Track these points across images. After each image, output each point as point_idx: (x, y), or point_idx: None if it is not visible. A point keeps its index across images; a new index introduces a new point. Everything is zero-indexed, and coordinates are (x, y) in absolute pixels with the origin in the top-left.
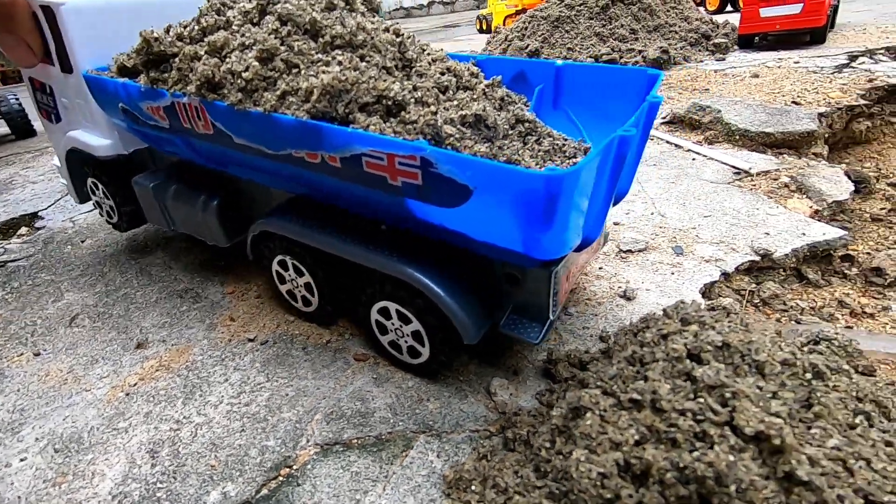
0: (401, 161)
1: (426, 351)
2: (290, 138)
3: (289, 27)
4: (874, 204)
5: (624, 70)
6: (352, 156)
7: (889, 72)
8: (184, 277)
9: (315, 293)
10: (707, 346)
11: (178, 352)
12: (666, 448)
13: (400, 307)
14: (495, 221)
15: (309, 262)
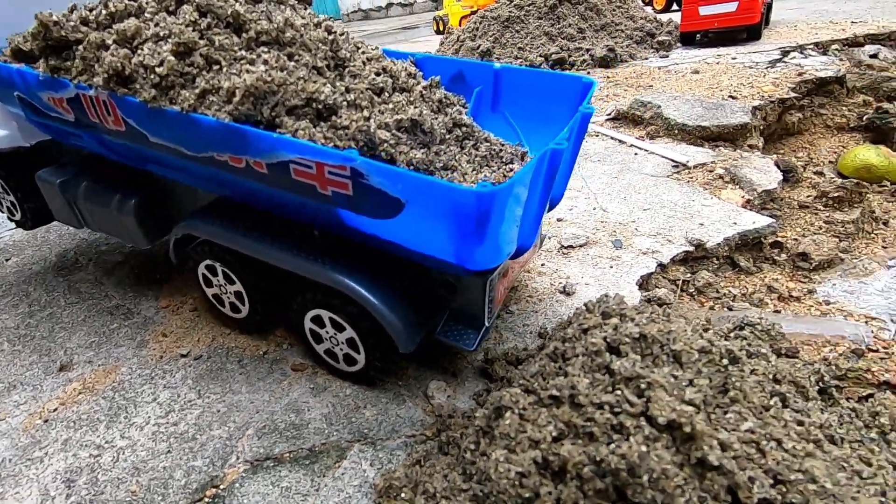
0: (330, 171)
1: (362, 358)
2: (211, 141)
3: (209, 19)
4: (801, 192)
5: (560, 76)
6: (278, 162)
7: (817, 66)
8: (115, 293)
9: (245, 300)
10: (626, 339)
11: (104, 372)
12: (584, 443)
13: (332, 315)
14: (428, 234)
15: (237, 268)
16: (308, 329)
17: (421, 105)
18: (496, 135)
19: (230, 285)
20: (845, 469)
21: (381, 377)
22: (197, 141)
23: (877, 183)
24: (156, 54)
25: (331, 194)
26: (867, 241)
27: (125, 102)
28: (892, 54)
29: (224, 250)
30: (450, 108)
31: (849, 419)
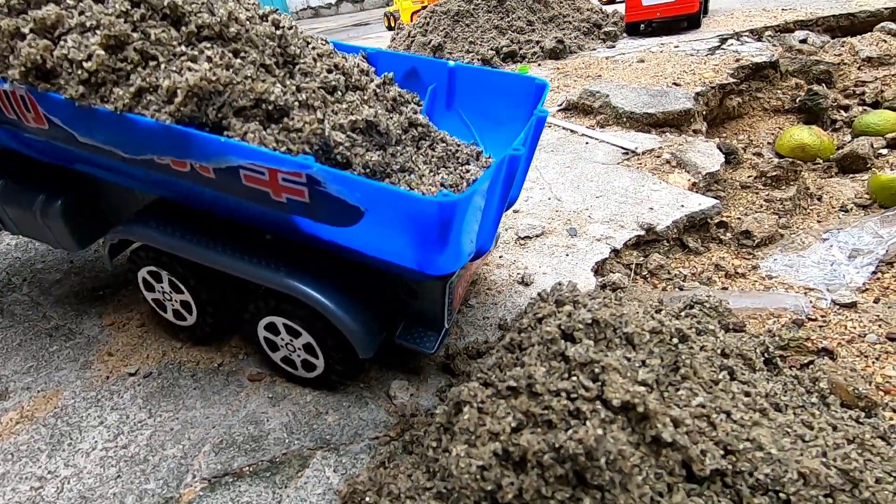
0: (285, 177)
1: (321, 363)
2: (150, 143)
3: (142, 10)
4: (742, 172)
5: (514, 76)
6: (227, 167)
7: (753, 52)
8: (54, 314)
9: (193, 308)
10: (579, 325)
11: (44, 399)
12: (542, 431)
13: (287, 321)
14: (389, 241)
15: (184, 276)
16: (262, 338)
17: (375, 104)
18: (451, 133)
19: (176, 294)
20: (789, 434)
21: (342, 381)
22: (134, 143)
23: (811, 161)
24: (82, 47)
25: (285, 201)
26: (803, 216)
27: (48, 99)
28: (820, 39)
29: (168, 256)
30: (405, 106)
31: (792, 386)
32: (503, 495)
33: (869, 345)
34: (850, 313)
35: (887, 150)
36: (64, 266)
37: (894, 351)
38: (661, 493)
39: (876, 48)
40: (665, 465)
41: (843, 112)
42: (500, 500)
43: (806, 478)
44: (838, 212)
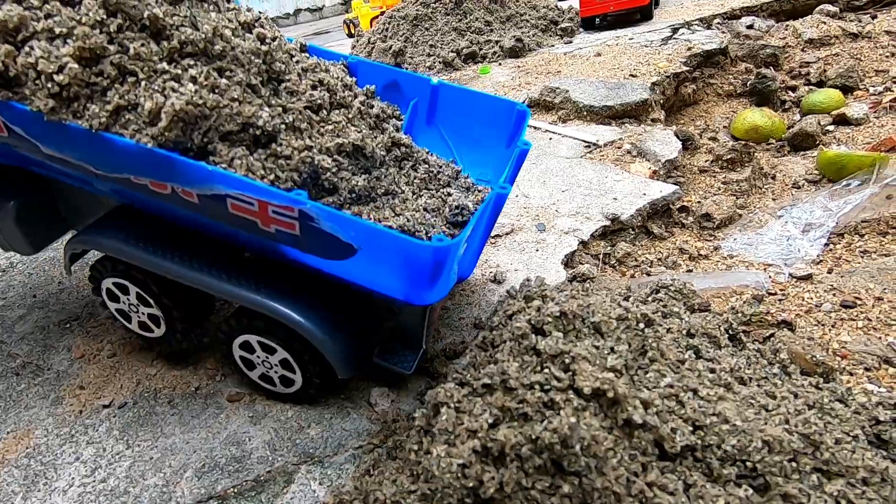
0: (275, 210)
1: (299, 377)
2: (128, 164)
3: (119, 20)
4: (700, 157)
5: (495, 100)
6: (213, 195)
7: (703, 40)
8: (20, 351)
9: (162, 322)
10: (548, 318)
11: (14, 439)
12: (519, 424)
13: (261, 338)
14: (379, 275)
15: (151, 288)
16: (238, 357)
17: (361, 124)
18: (430, 149)
19: (144, 307)
20: (753, 405)
21: (322, 394)
22: (109, 162)
23: (764, 141)
24: (52, 57)
25: (274, 232)
26: (759, 195)
27: (9, 108)
28: (765, 24)
29: (135, 269)
30: (387, 122)
31: (755, 360)
32: (485, 490)
33: (825, 313)
34: (806, 285)
35: (833, 126)
36: (27, 301)
37: (848, 318)
38: (637, 473)
39: (817, 30)
40: (638, 445)
41: (790, 93)
42: (483, 495)
43: (770, 445)
44: (791, 189)
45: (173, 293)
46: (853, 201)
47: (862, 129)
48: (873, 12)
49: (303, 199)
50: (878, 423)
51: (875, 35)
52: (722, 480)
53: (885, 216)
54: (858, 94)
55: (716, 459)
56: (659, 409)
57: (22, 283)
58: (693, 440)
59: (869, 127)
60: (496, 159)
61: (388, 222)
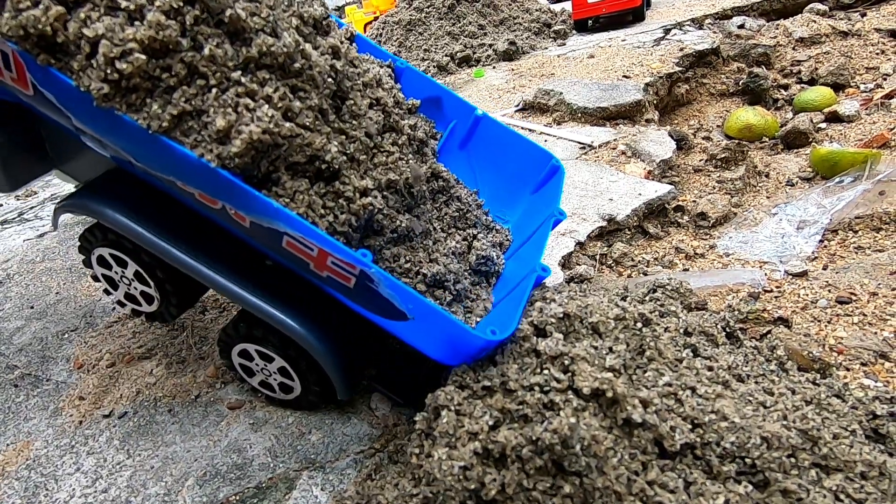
0: (335, 261)
1: (297, 384)
2: (180, 171)
3: (196, 11)
4: (694, 157)
5: (534, 147)
6: (270, 228)
7: (695, 40)
8: (18, 362)
9: (156, 299)
10: (552, 320)
11: (14, 451)
12: (519, 426)
13: (259, 348)
14: (423, 339)
15: (154, 271)
16: (238, 364)
17: (408, 154)
18: (454, 171)
19: (140, 283)
20: (751, 402)
21: (322, 401)
22: (158, 163)
23: (758, 140)
24: (117, 40)
25: (325, 277)
26: (753, 193)
27: (49, 74)
28: (756, 23)
29: (143, 251)
30: (427, 145)
31: (752, 357)
32: (486, 492)
33: (821, 310)
34: (801, 282)
35: (826, 123)
36: (24, 312)
37: (844, 313)
38: (637, 472)
39: (807, 28)
40: (638, 444)
41: (783, 91)
42: (485, 497)
43: (769, 441)
44: (785, 186)
45: (177, 277)
46: (846, 198)
47: (854, 125)
48: (863, 10)
49: (369, 263)
50: (875, 417)
51: (865, 33)
52: (722, 477)
53: (878, 212)
54: (850, 92)
55: (715, 457)
56: (658, 407)
57: (19, 295)
58: (692, 438)
59: (861, 124)
60: (517, 200)
61: (424, 269)
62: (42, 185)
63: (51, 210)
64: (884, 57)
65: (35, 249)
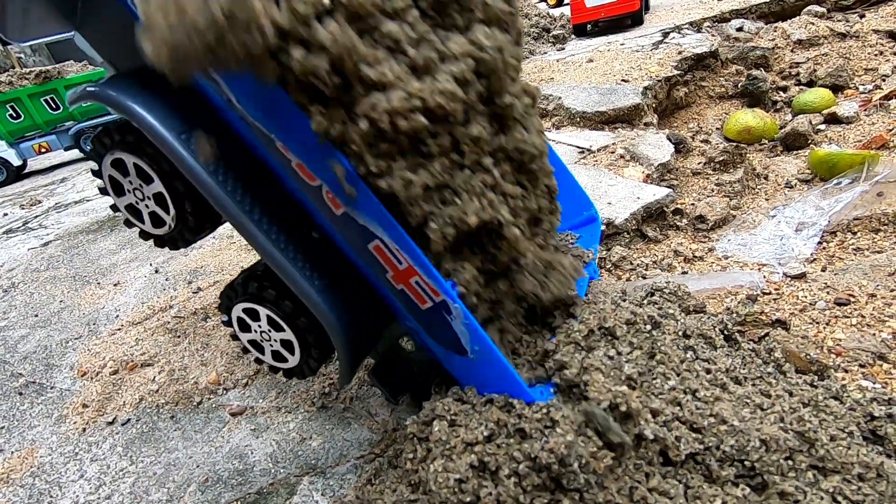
0: (419, 281)
1: (294, 359)
2: (312, 159)
3: (481, 87)
4: (692, 160)
5: (579, 191)
6: (364, 227)
7: (693, 43)
8: (23, 370)
9: (171, 215)
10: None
11: (19, 458)
12: (517, 441)
13: (276, 317)
14: (472, 376)
15: (177, 188)
16: (236, 317)
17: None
18: None
19: (157, 205)
20: (749, 405)
21: (306, 376)
22: (313, 163)
23: (757, 142)
24: (402, 93)
25: (399, 290)
26: (752, 196)
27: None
28: (755, 26)
29: (164, 160)
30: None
31: (750, 359)
32: None
33: (819, 311)
34: (800, 284)
35: (825, 125)
36: (29, 321)
37: (842, 315)
38: (639, 481)
39: (805, 31)
40: (644, 456)
41: (781, 93)
42: None
43: (767, 444)
44: (784, 188)
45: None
46: (844, 199)
47: (853, 127)
48: (861, 11)
49: (455, 297)
50: (873, 419)
51: (863, 34)
52: (720, 481)
53: (876, 213)
54: (848, 93)
55: (715, 461)
56: (667, 418)
57: (24, 303)
58: (696, 446)
59: (860, 125)
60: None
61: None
62: (46, 195)
63: (55, 219)
64: (882, 58)
65: (39, 258)
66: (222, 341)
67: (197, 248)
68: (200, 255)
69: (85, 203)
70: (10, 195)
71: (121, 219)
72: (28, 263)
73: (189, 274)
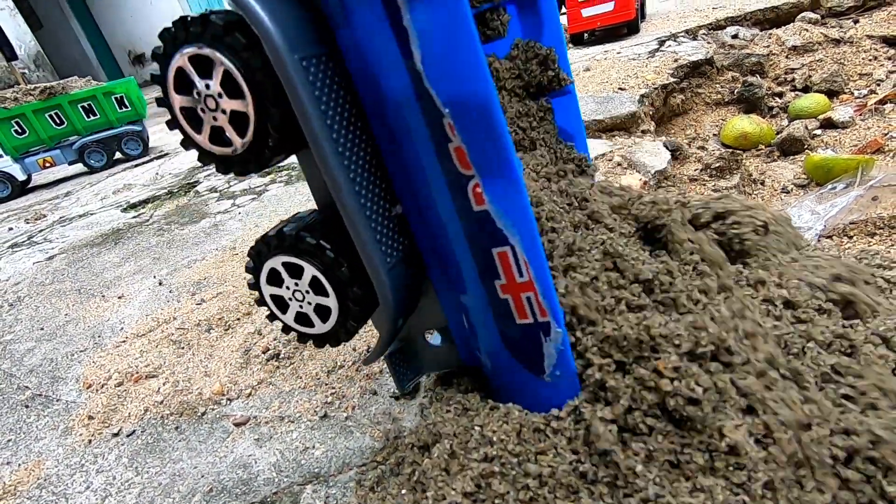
0: (530, 298)
1: (324, 327)
2: (486, 164)
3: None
4: (689, 167)
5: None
6: (500, 231)
7: (689, 51)
8: (29, 383)
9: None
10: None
11: (26, 471)
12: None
13: (324, 280)
14: (528, 397)
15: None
16: (270, 268)
17: None
18: None
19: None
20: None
21: (356, 327)
22: (480, 163)
23: (754, 148)
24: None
25: (501, 299)
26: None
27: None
28: (750, 32)
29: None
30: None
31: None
32: None
33: None
34: None
35: (821, 130)
36: (35, 334)
37: None
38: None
39: (799, 37)
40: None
41: (777, 99)
42: None
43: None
44: (780, 194)
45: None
46: (839, 204)
47: (848, 132)
48: (855, 17)
49: (562, 323)
50: None
51: (857, 40)
52: None
53: (872, 217)
54: (844, 98)
55: None
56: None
57: (29, 317)
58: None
59: (855, 129)
60: None
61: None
62: (50, 209)
63: (60, 233)
64: (877, 63)
65: (44, 272)
66: (226, 352)
67: (199, 259)
68: (203, 266)
69: (89, 217)
70: (15, 210)
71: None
72: (33, 277)
73: (192, 285)
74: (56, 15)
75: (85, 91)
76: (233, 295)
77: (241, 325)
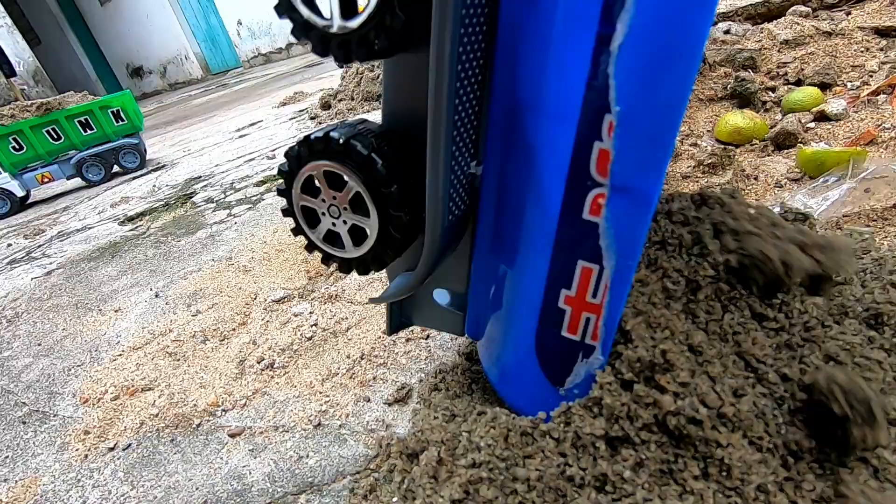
0: (589, 317)
1: (353, 252)
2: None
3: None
4: (682, 164)
5: None
6: (598, 246)
7: None
8: (27, 399)
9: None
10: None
11: (23, 487)
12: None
13: (369, 199)
14: (532, 401)
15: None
16: (307, 175)
17: None
18: None
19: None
20: None
21: (397, 252)
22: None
23: (748, 143)
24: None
25: (557, 308)
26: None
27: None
28: (742, 28)
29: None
30: None
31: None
32: None
33: None
34: None
35: (815, 123)
36: (32, 350)
37: None
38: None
39: (791, 31)
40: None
41: (770, 93)
42: None
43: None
44: (774, 188)
45: None
46: (832, 197)
47: (842, 124)
48: (846, 9)
49: (608, 353)
50: None
51: (849, 31)
52: None
53: (865, 209)
54: (837, 91)
55: None
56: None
57: (27, 333)
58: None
59: (849, 122)
60: None
61: None
62: (49, 224)
63: (58, 247)
64: (869, 54)
65: (42, 287)
66: (221, 363)
67: (195, 270)
68: (199, 277)
69: (87, 231)
70: (13, 226)
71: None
72: (31, 293)
73: (188, 297)
74: (54, 31)
75: (81, 106)
76: (228, 305)
77: (237, 335)
